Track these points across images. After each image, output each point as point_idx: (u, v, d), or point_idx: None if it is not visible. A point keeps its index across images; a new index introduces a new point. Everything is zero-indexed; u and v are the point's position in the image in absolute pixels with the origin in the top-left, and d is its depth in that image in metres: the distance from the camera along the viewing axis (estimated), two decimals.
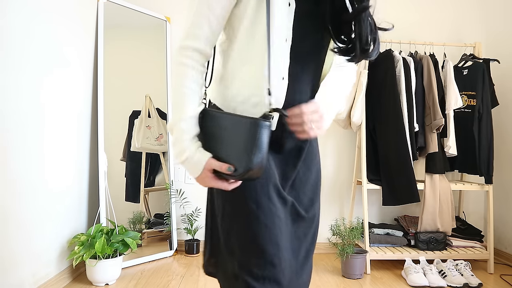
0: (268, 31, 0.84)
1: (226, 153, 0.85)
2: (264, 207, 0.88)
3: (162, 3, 2.95)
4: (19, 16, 1.76)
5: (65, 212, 2.19)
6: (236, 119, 0.85)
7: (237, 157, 0.83)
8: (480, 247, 2.59)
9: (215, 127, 0.88)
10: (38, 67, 1.91)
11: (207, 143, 0.89)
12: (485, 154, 2.53)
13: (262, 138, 0.81)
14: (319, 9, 0.90)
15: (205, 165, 0.84)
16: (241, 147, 0.83)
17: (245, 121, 0.83)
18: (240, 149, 0.83)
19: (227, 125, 0.86)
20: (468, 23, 3.07)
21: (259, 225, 0.87)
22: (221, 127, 0.87)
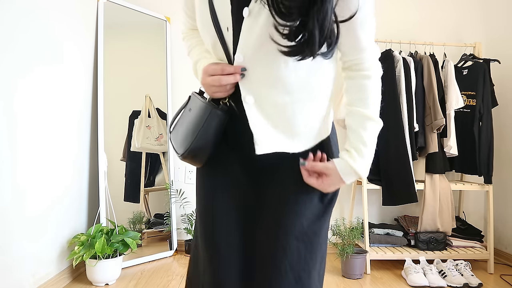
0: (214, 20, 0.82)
1: (182, 132, 0.90)
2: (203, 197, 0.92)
3: (162, 3, 2.95)
4: (19, 16, 1.76)
5: (65, 212, 2.19)
6: (198, 102, 0.89)
7: (184, 139, 0.87)
8: (480, 247, 2.59)
9: (188, 107, 0.94)
10: (38, 67, 1.91)
11: (177, 123, 0.95)
12: (485, 154, 2.53)
13: (210, 123, 0.83)
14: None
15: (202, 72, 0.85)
16: (192, 128, 0.86)
17: (201, 104, 0.87)
18: (190, 130, 0.86)
19: (192, 106, 0.91)
20: (468, 23, 3.06)
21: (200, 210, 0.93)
22: (189, 108, 0.92)
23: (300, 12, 0.69)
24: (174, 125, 0.96)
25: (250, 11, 0.76)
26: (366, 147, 0.86)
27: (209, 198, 0.92)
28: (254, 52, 0.79)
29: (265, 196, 0.89)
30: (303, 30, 0.70)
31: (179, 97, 2.95)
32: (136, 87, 2.83)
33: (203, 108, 0.86)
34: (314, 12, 0.68)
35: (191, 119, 0.89)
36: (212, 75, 0.82)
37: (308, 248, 0.85)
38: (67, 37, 2.20)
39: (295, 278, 0.83)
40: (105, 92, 2.51)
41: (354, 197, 2.86)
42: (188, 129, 0.87)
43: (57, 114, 2.10)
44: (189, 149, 0.85)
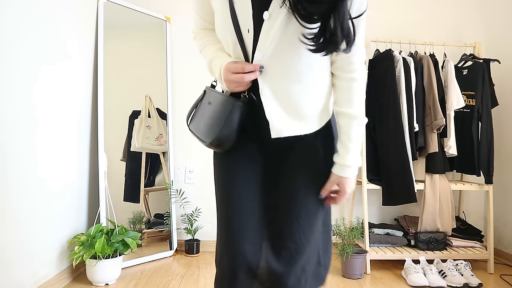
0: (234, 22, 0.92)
1: (205, 123, 1.01)
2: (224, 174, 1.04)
3: (162, 3, 2.95)
4: (19, 16, 1.76)
5: (65, 212, 2.19)
6: (218, 95, 1.00)
7: (210, 129, 0.98)
8: (480, 247, 2.59)
9: (205, 101, 1.05)
10: (38, 67, 1.91)
11: (196, 115, 1.07)
12: (485, 154, 2.53)
13: (233, 115, 0.94)
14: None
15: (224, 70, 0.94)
16: (216, 119, 0.97)
17: (222, 98, 0.98)
18: (213, 123, 0.97)
19: (212, 100, 1.02)
20: (468, 23, 3.06)
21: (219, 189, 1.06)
22: (208, 101, 1.03)
23: (321, 16, 0.79)
24: (192, 117, 1.09)
25: (270, 14, 0.87)
26: (351, 142, 0.99)
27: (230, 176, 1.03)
28: (272, 50, 0.90)
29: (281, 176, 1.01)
30: (325, 31, 0.81)
31: (179, 97, 2.95)
32: (136, 87, 2.83)
33: (225, 101, 0.97)
34: (335, 15, 0.79)
35: (213, 111, 0.99)
36: (234, 72, 0.92)
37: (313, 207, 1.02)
38: (67, 37, 2.20)
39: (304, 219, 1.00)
40: (105, 92, 2.51)
41: (354, 197, 2.86)
42: (213, 120, 0.98)
43: (58, 114, 2.10)
44: (216, 138, 0.96)
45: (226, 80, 0.94)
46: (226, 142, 0.98)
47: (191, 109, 1.10)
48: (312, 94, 0.97)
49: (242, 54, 0.94)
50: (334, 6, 0.78)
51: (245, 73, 0.90)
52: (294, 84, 0.94)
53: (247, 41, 0.92)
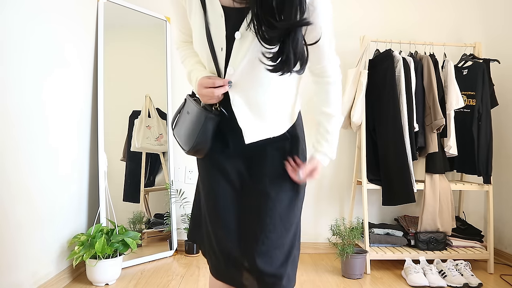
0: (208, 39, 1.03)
1: (184, 132, 1.12)
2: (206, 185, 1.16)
3: (162, 3, 2.95)
4: (19, 15, 1.76)
5: (65, 212, 2.19)
6: (194, 107, 1.10)
7: (187, 139, 1.09)
8: (480, 247, 2.59)
9: (185, 110, 1.15)
10: (38, 67, 1.91)
11: (178, 121, 1.17)
12: (484, 154, 2.53)
13: (207, 126, 1.05)
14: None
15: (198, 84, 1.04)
16: (193, 129, 1.08)
17: (197, 110, 1.08)
18: (191, 131, 1.08)
19: (190, 110, 1.12)
20: (468, 23, 3.06)
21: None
22: (187, 111, 1.13)
23: (278, 40, 0.91)
24: (175, 124, 1.19)
25: (241, 34, 0.98)
26: (330, 135, 1.15)
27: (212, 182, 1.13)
28: (242, 65, 1.00)
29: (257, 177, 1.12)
30: (282, 54, 0.92)
31: (179, 97, 2.94)
32: (136, 87, 2.83)
33: (199, 113, 1.07)
34: (289, 40, 0.91)
35: (190, 122, 1.10)
36: (206, 87, 1.02)
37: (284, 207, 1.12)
38: (67, 37, 2.20)
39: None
40: (105, 92, 2.51)
41: (354, 197, 2.86)
42: (189, 130, 1.09)
43: (57, 114, 2.10)
44: (192, 146, 1.08)
45: (199, 94, 1.05)
46: (202, 150, 1.10)
47: (175, 115, 1.20)
48: (277, 103, 1.09)
49: (215, 69, 1.04)
50: (289, 33, 0.90)
51: (215, 87, 1.01)
52: (261, 95, 1.06)
53: (220, 57, 1.03)
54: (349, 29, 2.92)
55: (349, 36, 2.86)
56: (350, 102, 2.58)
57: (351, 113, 2.56)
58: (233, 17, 0.98)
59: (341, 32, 2.98)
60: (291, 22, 0.89)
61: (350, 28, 2.93)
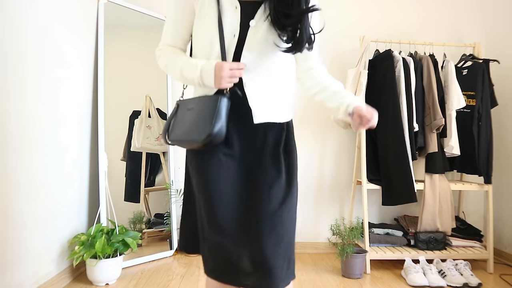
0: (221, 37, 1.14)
1: (190, 130, 1.13)
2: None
3: (162, 3, 2.95)
4: (19, 16, 1.76)
5: (65, 212, 2.19)
6: (200, 98, 1.16)
7: (201, 127, 1.09)
8: (480, 247, 2.60)
9: (183, 111, 1.19)
10: (38, 67, 1.91)
11: (175, 126, 1.19)
12: (485, 154, 2.53)
13: (221, 109, 1.08)
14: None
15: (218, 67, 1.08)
16: (204, 119, 1.09)
17: (207, 98, 1.13)
18: (204, 121, 1.09)
19: (193, 106, 1.17)
20: (468, 23, 3.07)
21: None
22: (188, 109, 1.17)
23: (292, 26, 1.11)
24: (170, 130, 1.20)
25: (256, 22, 1.13)
26: (346, 91, 1.25)
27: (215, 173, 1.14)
28: (256, 51, 1.14)
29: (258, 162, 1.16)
30: (295, 37, 1.12)
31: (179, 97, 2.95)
32: (136, 87, 2.84)
33: (212, 100, 1.10)
34: (302, 26, 1.12)
35: (199, 112, 1.13)
36: (231, 69, 1.08)
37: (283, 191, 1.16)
38: (67, 38, 2.20)
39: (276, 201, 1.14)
40: (106, 92, 2.51)
41: (354, 197, 2.87)
42: (200, 120, 1.11)
43: (58, 114, 2.11)
44: (212, 132, 1.06)
45: (220, 76, 1.08)
46: (219, 136, 1.09)
47: (167, 124, 1.22)
48: (282, 90, 1.21)
49: (221, 55, 1.13)
50: (301, 19, 1.11)
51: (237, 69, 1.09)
52: (268, 78, 1.17)
53: (231, 44, 1.14)
54: (349, 29, 2.92)
55: (349, 36, 2.87)
56: None
57: None
58: (247, 8, 1.14)
59: (341, 32, 2.99)
60: (302, 10, 1.10)
61: (350, 28, 2.93)
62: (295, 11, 1.10)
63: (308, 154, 2.98)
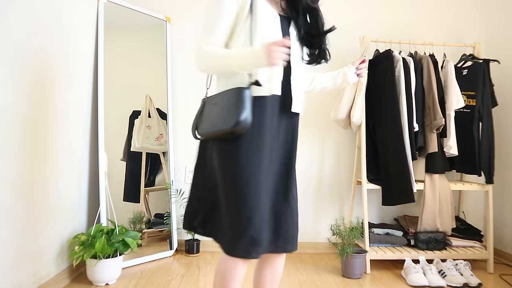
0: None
1: (216, 121, 1.24)
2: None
3: (162, 3, 2.95)
4: (19, 16, 1.76)
5: (65, 212, 2.19)
6: (224, 92, 1.26)
7: (228, 117, 1.19)
8: (480, 247, 2.60)
9: (209, 107, 1.31)
10: (38, 67, 1.91)
11: (201, 124, 1.31)
12: (486, 154, 2.53)
13: (245, 99, 1.19)
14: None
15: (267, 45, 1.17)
16: (229, 109, 1.20)
17: (230, 91, 1.23)
18: (229, 111, 1.20)
19: (217, 100, 1.28)
20: (468, 23, 3.07)
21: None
22: (214, 104, 1.29)
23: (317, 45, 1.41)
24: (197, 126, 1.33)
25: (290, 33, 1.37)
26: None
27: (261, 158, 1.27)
28: (295, 55, 1.36)
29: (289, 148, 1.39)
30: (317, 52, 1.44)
31: (179, 97, 2.95)
32: (136, 87, 2.84)
33: (235, 92, 1.21)
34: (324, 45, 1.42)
35: (226, 103, 1.23)
36: (283, 45, 1.16)
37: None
38: (67, 37, 2.20)
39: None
40: (106, 92, 2.51)
41: (354, 197, 2.87)
42: (226, 110, 1.22)
43: (57, 114, 2.11)
44: (239, 119, 1.17)
45: (271, 51, 1.14)
46: (245, 123, 1.18)
47: (195, 122, 1.34)
48: (302, 85, 1.45)
49: None
50: (324, 40, 1.40)
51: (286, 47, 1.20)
52: (301, 77, 1.40)
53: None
54: (349, 29, 2.92)
55: (349, 36, 2.87)
56: (350, 102, 2.58)
57: (351, 113, 2.56)
58: (282, 19, 1.35)
59: (340, 32, 2.97)
60: (326, 31, 1.39)
61: (350, 28, 2.93)
62: (320, 32, 1.37)
63: (308, 154, 2.98)
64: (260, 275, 1.46)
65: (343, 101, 2.59)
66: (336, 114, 2.63)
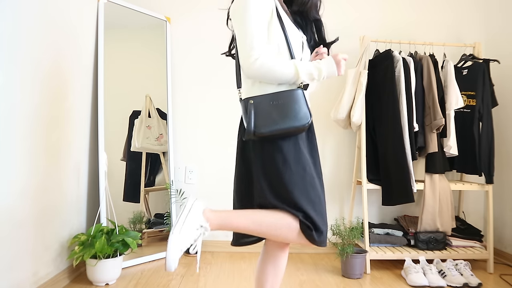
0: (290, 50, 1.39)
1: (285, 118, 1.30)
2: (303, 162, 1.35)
3: (162, 3, 2.95)
4: (19, 16, 1.76)
5: (65, 212, 2.19)
6: (285, 92, 1.33)
7: (297, 116, 1.30)
8: (480, 247, 2.60)
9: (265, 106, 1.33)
10: (38, 68, 1.91)
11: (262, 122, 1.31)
12: (486, 154, 2.53)
13: (305, 99, 1.32)
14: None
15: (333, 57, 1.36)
16: (296, 108, 1.31)
17: (292, 91, 1.33)
18: (296, 110, 1.30)
19: (275, 100, 1.33)
20: (468, 23, 3.07)
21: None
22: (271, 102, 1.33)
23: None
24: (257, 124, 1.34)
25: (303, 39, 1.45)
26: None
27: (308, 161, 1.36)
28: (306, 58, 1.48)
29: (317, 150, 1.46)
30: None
31: (179, 97, 2.95)
32: (136, 87, 2.84)
33: (296, 92, 1.32)
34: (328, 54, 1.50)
35: (288, 101, 1.31)
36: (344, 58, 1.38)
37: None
38: (67, 37, 2.20)
39: None
40: (105, 92, 2.51)
41: (354, 197, 2.86)
42: (292, 109, 1.30)
43: (57, 114, 2.11)
44: (311, 117, 1.31)
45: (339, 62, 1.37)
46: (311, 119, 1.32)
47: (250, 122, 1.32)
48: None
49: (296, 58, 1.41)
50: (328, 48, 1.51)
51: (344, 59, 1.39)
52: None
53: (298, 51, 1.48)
54: (349, 29, 2.92)
55: (349, 36, 2.86)
56: (350, 102, 2.58)
57: (351, 113, 2.56)
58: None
59: (340, 32, 2.96)
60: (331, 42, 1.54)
61: (350, 28, 2.93)
62: (325, 42, 1.50)
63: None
64: (263, 270, 1.46)
65: (343, 101, 2.59)
66: (336, 114, 2.62)
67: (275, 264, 1.45)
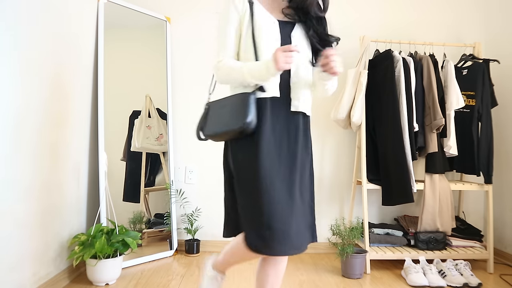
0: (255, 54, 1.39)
1: (226, 122, 1.35)
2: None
3: (162, 3, 2.95)
4: (19, 16, 1.76)
5: (65, 212, 2.19)
6: (233, 96, 1.39)
7: (235, 119, 1.31)
8: (480, 247, 2.60)
9: (215, 109, 1.43)
10: (38, 68, 1.91)
11: (208, 125, 1.43)
12: (485, 154, 2.53)
13: (251, 103, 1.31)
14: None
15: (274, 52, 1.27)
16: (238, 112, 1.32)
17: (238, 95, 1.37)
18: (237, 113, 1.32)
19: (226, 103, 1.40)
20: (468, 23, 3.07)
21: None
22: (221, 107, 1.41)
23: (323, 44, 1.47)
24: (203, 128, 1.44)
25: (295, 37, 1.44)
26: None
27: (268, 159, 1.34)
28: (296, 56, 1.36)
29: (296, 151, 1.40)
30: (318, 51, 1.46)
31: (179, 97, 2.95)
32: (136, 87, 2.84)
33: (241, 97, 1.34)
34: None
35: (233, 106, 1.35)
36: (287, 50, 1.25)
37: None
38: (67, 37, 2.20)
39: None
40: (106, 92, 2.51)
41: (354, 197, 2.87)
42: (235, 112, 1.33)
43: (57, 114, 2.10)
44: (245, 121, 1.29)
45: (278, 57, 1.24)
46: (252, 124, 1.30)
47: (200, 124, 1.45)
48: (307, 86, 1.46)
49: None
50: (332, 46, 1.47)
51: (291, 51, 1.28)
52: (304, 78, 1.44)
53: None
54: (349, 29, 2.92)
55: (349, 36, 2.85)
56: (350, 102, 2.58)
57: (351, 113, 2.56)
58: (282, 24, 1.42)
59: (340, 32, 2.96)
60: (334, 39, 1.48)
61: (350, 28, 2.93)
62: (330, 39, 1.45)
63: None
64: (263, 271, 1.47)
65: (343, 101, 2.59)
66: (336, 114, 2.63)
67: (276, 264, 1.45)
